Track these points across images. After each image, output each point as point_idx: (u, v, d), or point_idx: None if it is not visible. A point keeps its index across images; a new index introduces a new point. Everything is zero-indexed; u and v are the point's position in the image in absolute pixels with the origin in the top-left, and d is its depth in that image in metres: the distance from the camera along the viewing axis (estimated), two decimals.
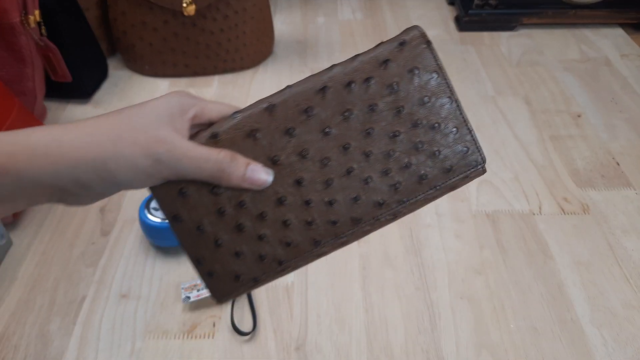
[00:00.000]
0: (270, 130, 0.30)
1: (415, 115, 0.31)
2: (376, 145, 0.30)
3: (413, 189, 0.31)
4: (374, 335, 0.57)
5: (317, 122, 0.30)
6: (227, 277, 0.31)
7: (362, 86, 0.30)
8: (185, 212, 0.29)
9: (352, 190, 0.31)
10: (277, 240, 0.31)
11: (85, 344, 0.56)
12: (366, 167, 0.30)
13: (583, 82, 0.97)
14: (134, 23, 0.93)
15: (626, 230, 0.68)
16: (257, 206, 0.30)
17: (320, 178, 0.30)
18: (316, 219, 0.31)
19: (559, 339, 0.56)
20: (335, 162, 0.30)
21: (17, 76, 0.76)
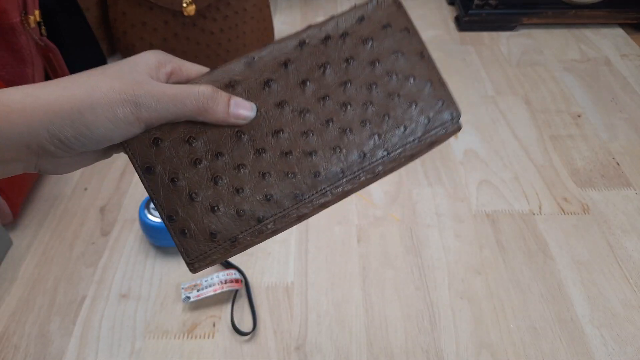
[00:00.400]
0: (249, 82, 0.30)
1: (390, 68, 0.32)
2: (354, 97, 0.31)
3: (393, 141, 0.31)
4: (373, 335, 0.57)
5: (295, 75, 0.30)
6: (202, 236, 0.29)
7: (339, 41, 0.31)
8: (158, 163, 0.28)
9: (331, 141, 0.30)
10: (256, 194, 0.29)
11: (85, 344, 0.56)
12: (345, 118, 0.31)
13: (583, 82, 0.97)
14: (134, 23, 0.93)
15: (626, 230, 0.68)
16: (235, 157, 0.29)
17: (300, 129, 0.30)
18: (296, 171, 0.30)
19: (558, 338, 0.56)
20: (314, 114, 0.30)
21: (17, 76, 0.76)
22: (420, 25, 1.15)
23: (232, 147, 0.29)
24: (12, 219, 0.69)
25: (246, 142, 0.29)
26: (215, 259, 0.29)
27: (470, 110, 0.90)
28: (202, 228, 0.29)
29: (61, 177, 0.77)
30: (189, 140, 0.28)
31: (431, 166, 0.78)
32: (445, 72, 1.00)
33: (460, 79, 0.98)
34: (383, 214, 0.71)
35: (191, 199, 0.28)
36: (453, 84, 0.97)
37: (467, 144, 0.83)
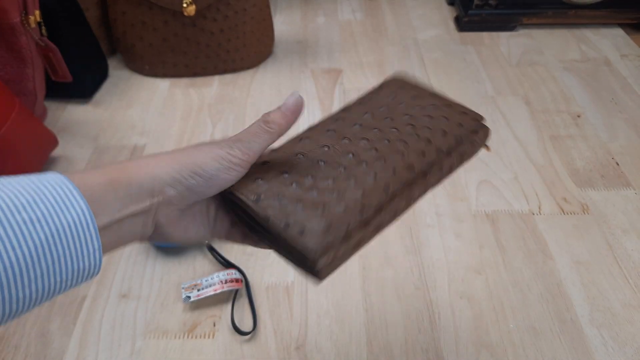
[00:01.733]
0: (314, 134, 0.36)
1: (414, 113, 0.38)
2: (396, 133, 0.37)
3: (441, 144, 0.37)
4: (373, 334, 0.57)
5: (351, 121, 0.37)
6: (319, 230, 0.30)
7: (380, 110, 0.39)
8: (263, 191, 0.32)
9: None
10: (351, 190, 0.33)
11: (86, 344, 0.56)
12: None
13: (583, 82, 0.97)
14: (134, 23, 0.93)
15: (626, 230, 0.68)
16: (325, 174, 0.33)
17: (345, 149, 0.35)
18: (369, 165, 0.34)
19: (558, 338, 0.56)
20: (374, 137, 0.36)
21: (18, 76, 0.76)
22: (420, 25, 1.15)
23: (317, 170, 0.34)
24: None
25: (324, 167, 0.34)
26: (337, 256, 0.31)
27: None
28: (316, 223, 0.31)
29: None
30: (283, 173, 0.33)
31: None
32: (445, 72, 1.00)
33: (460, 79, 0.98)
34: None
35: (299, 202, 0.31)
36: (453, 85, 0.97)
37: None
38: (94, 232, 0.25)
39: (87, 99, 0.93)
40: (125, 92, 0.96)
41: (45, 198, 0.23)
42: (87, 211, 0.24)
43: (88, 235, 0.24)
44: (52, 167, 0.79)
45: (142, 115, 0.90)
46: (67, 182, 0.24)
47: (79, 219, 0.24)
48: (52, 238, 0.23)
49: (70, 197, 0.24)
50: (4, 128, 0.64)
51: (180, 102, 0.93)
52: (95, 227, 0.25)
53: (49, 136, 0.76)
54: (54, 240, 0.23)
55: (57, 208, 0.23)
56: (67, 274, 0.24)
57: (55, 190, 0.24)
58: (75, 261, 0.24)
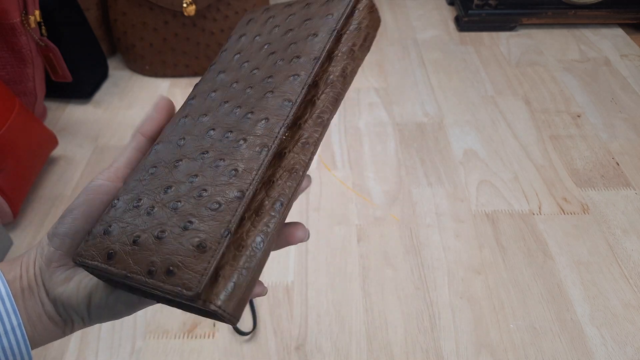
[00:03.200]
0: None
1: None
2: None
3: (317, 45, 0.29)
4: (373, 335, 0.57)
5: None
6: (190, 256, 0.23)
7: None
8: (115, 245, 0.25)
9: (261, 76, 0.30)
10: (220, 189, 0.26)
11: (86, 344, 0.56)
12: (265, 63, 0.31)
13: (583, 82, 0.97)
14: (135, 23, 0.93)
15: (626, 230, 0.68)
16: (177, 184, 0.26)
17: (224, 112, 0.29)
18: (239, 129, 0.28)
19: (558, 338, 0.56)
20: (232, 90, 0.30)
21: (18, 76, 0.76)
22: (420, 25, 1.15)
23: (169, 178, 0.27)
24: (13, 219, 0.69)
25: (182, 167, 0.27)
26: (230, 276, 0.23)
27: (470, 111, 0.90)
28: (186, 247, 0.23)
29: (61, 178, 0.77)
30: (135, 207, 0.26)
31: (431, 166, 0.79)
32: (444, 72, 1.00)
33: (460, 79, 0.98)
34: (383, 214, 0.71)
35: (159, 239, 0.24)
36: (453, 85, 0.97)
37: (467, 144, 0.83)
38: (10, 305, 0.23)
39: (87, 99, 0.93)
40: (126, 92, 0.96)
41: None
42: (3, 284, 0.23)
43: (3, 309, 0.23)
44: (52, 167, 0.79)
45: (142, 115, 0.90)
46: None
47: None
48: None
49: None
50: (4, 128, 0.64)
51: (180, 102, 0.93)
52: (11, 300, 0.23)
53: (48, 136, 0.76)
54: None
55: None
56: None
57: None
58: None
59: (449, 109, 0.90)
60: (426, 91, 0.94)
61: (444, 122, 0.87)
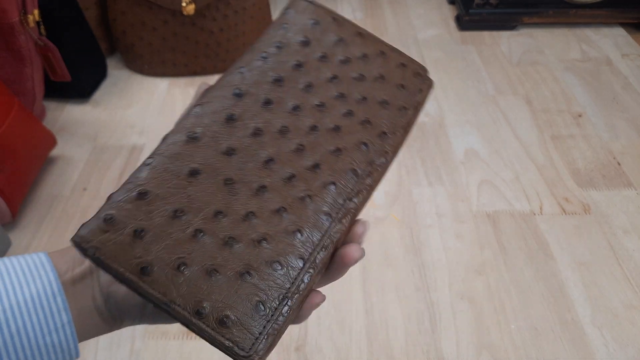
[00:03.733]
0: (207, 129, 0.26)
1: (342, 56, 0.30)
2: (323, 96, 0.29)
3: (385, 121, 0.29)
4: (374, 335, 0.57)
5: (255, 100, 0.28)
6: (248, 314, 0.22)
7: (281, 52, 0.30)
8: (152, 257, 0.23)
9: (327, 143, 0.27)
10: (283, 236, 0.25)
11: (85, 344, 0.56)
12: (328, 117, 0.28)
13: (584, 82, 0.97)
14: (134, 23, 0.93)
15: (627, 230, 0.68)
16: (237, 208, 0.25)
17: (287, 147, 0.27)
18: (312, 194, 0.26)
19: (559, 339, 0.56)
20: (293, 128, 0.27)
21: (17, 76, 0.76)
22: (421, 24, 1.15)
23: (228, 200, 0.24)
24: (11, 219, 0.69)
25: (240, 189, 0.25)
26: (274, 338, 0.22)
27: (470, 110, 0.89)
28: (243, 306, 0.22)
29: (60, 178, 0.77)
30: (176, 216, 0.23)
31: (431, 166, 0.78)
32: (445, 71, 1.00)
33: (460, 79, 0.98)
34: (383, 214, 0.70)
35: (211, 277, 0.22)
36: (453, 84, 0.96)
37: (467, 144, 0.82)
38: (62, 302, 0.22)
39: (86, 98, 0.93)
40: (125, 92, 0.95)
41: (14, 269, 0.22)
42: (56, 282, 0.22)
43: (54, 305, 0.22)
44: (51, 167, 0.79)
45: (141, 115, 0.89)
46: (42, 256, 0.23)
47: (45, 289, 0.22)
48: (12, 309, 0.21)
49: (40, 269, 0.23)
50: (2, 128, 0.64)
51: (179, 101, 0.93)
52: (63, 298, 0.22)
53: (47, 136, 0.76)
54: (13, 311, 0.21)
55: (24, 279, 0.22)
56: (31, 350, 0.22)
57: (27, 262, 0.23)
58: (41, 336, 0.22)
59: (450, 108, 0.90)
60: None
61: (445, 121, 0.87)
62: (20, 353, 0.22)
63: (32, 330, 0.22)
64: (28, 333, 0.22)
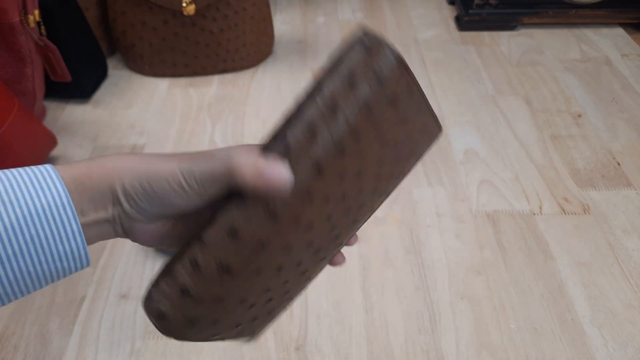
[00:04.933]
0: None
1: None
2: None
3: (393, 187, 0.34)
4: (374, 335, 0.57)
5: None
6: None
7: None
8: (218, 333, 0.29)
9: (353, 217, 0.32)
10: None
11: (85, 344, 0.56)
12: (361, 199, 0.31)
13: (583, 82, 0.97)
14: (134, 23, 0.93)
15: (627, 230, 0.68)
16: (281, 285, 0.29)
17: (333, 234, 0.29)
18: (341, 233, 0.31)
19: (559, 339, 0.56)
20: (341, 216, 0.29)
21: (17, 76, 0.76)
22: (421, 24, 1.15)
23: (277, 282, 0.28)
24: None
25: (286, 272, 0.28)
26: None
27: (470, 110, 0.89)
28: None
29: None
30: (244, 299, 0.28)
31: (431, 166, 0.78)
32: (445, 72, 1.00)
33: (460, 79, 0.98)
34: (383, 214, 0.71)
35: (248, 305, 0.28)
36: (453, 84, 0.96)
37: (467, 144, 0.83)
38: (71, 212, 0.24)
39: (86, 98, 0.93)
40: (125, 92, 0.95)
41: (23, 181, 0.23)
42: (65, 194, 0.24)
43: (65, 216, 0.24)
44: None
45: (141, 115, 0.89)
46: (49, 168, 0.24)
47: (55, 200, 0.24)
48: (25, 219, 0.23)
49: (48, 181, 0.24)
50: (3, 128, 0.64)
51: (179, 101, 0.93)
52: (72, 208, 0.24)
53: (48, 136, 0.76)
54: (26, 220, 0.23)
55: (33, 191, 0.23)
56: (46, 257, 0.24)
57: (34, 173, 0.24)
58: (54, 244, 0.24)
59: (450, 108, 0.90)
60: (426, 91, 0.94)
61: (445, 121, 0.87)
62: (35, 259, 0.23)
63: (45, 238, 0.23)
64: (41, 241, 0.23)
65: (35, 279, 0.24)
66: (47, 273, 0.24)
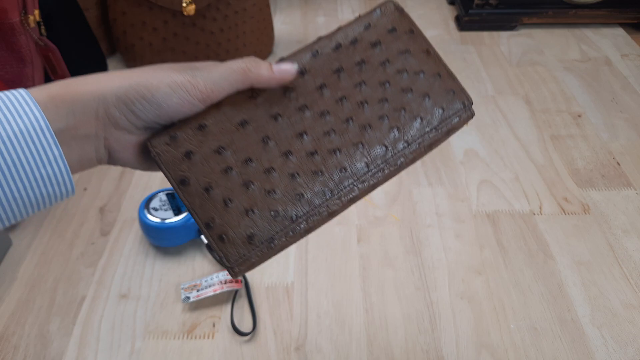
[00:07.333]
0: (269, 92, 0.32)
1: (400, 67, 0.34)
2: (369, 96, 0.33)
3: (412, 133, 0.33)
4: (374, 335, 0.57)
5: (312, 82, 0.33)
6: (240, 240, 0.30)
7: (349, 47, 0.34)
8: (192, 175, 0.30)
9: (353, 137, 0.32)
10: (287, 195, 0.31)
11: (85, 344, 0.56)
12: (363, 115, 0.33)
13: (583, 82, 0.97)
14: (134, 23, 0.93)
15: (627, 230, 0.68)
16: (264, 162, 0.31)
17: (322, 129, 0.32)
18: (323, 169, 0.32)
19: (559, 339, 0.56)
20: (334, 115, 0.32)
21: (17, 76, 0.76)
22: (421, 24, 1.15)
23: (260, 153, 0.31)
24: None
25: (273, 147, 0.31)
26: (254, 262, 0.30)
27: None
28: (239, 232, 0.30)
29: None
30: (219, 151, 0.30)
31: (431, 166, 0.78)
32: None
33: (460, 79, 0.98)
34: (383, 214, 0.71)
35: (226, 205, 0.30)
36: None
37: (467, 144, 0.83)
38: (51, 137, 0.24)
39: None
40: None
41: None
42: (42, 118, 0.24)
43: (44, 140, 0.24)
44: None
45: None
46: (23, 92, 0.24)
47: (32, 125, 0.23)
48: (4, 144, 0.23)
49: (24, 105, 0.24)
50: None
51: None
52: (51, 133, 0.24)
53: None
54: (6, 145, 0.23)
55: (10, 115, 0.23)
56: (30, 183, 0.24)
57: (9, 98, 0.24)
58: (36, 168, 0.24)
59: None
60: None
61: None
62: (19, 183, 0.24)
63: (27, 163, 0.23)
64: (24, 166, 0.24)
65: (22, 204, 0.24)
66: (32, 199, 0.24)
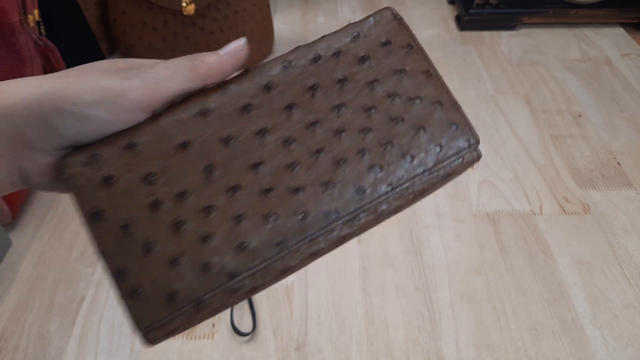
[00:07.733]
0: (223, 109, 0.25)
1: (392, 90, 0.27)
2: (349, 123, 0.26)
3: (398, 174, 0.26)
4: (374, 335, 0.57)
5: (279, 99, 0.26)
6: (158, 296, 0.23)
7: (331, 61, 0.27)
8: (108, 206, 0.23)
9: (323, 174, 0.25)
10: (228, 243, 0.24)
11: (85, 345, 0.56)
12: (338, 147, 0.25)
13: (584, 82, 0.97)
14: (134, 23, 0.93)
15: (627, 230, 0.68)
16: (203, 198, 0.24)
17: (283, 161, 0.25)
18: (278, 212, 0.24)
19: (559, 339, 0.56)
20: (301, 143, 0.25)
21: (17, 76, 0.76)
22: (421, 24, 1.15)
23: (200, 185, 0.24)
24: (11, 219, 0.69)
25: (217, 179, 0.24)
26: (176, 327, 0.23)
27: (470, 110, 0.89)
28: (158, 287, 0.23)
29: None
30: (148, 179, 0.23)
31: None
32: (445, 71, 1.00)
33: (460, 79, 0.98)
34: None
35: (147, 249, 0.23)
36: (453, 84, 0.96)
37: None
38: None
39: None
40: None
41: None
42: None
43: None
44: None
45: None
46: None
47: None
48: None
49: None
50: None
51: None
52: None
53: None
54: None
55: None
56: None
57: None
58: None
59: None
60: None
61: None
62: None
63: None
64: None
65: None
66: None
